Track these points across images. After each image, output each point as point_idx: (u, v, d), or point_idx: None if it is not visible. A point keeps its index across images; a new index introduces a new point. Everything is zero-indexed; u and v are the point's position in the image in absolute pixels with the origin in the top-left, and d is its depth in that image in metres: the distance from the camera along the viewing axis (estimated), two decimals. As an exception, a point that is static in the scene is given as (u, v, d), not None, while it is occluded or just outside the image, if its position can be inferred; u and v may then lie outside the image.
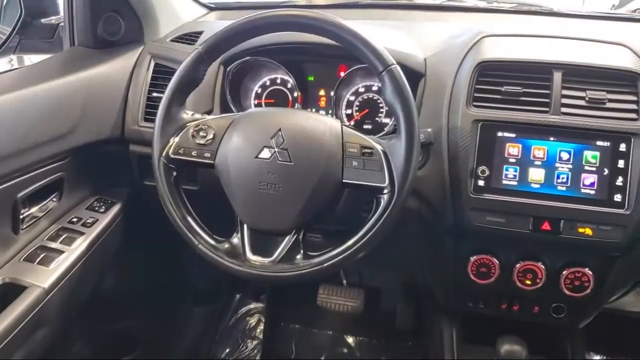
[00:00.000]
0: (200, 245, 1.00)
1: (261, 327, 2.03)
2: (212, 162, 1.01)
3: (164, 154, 1.02)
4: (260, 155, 0.98)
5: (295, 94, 1.34)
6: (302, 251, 0.99)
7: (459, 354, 1.39)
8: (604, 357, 1.85)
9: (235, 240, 1.01)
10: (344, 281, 1.87)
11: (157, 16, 1.47)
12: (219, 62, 1.29)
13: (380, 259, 1.45)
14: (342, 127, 1.01)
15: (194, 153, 1.02)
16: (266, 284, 2.02)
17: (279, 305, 2.06)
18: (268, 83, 1.37)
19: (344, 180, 0.98)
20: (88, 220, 1.29)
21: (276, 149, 0.97)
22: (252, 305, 2.09)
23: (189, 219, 1.02)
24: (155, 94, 1.32)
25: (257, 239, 1.00)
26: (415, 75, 1.19)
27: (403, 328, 1.91)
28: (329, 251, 0.97)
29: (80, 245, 1.22)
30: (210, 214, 1.07)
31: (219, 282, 2.03)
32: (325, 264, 0.96)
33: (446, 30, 1.34)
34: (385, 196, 0.96)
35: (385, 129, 1.29)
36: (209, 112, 1.27)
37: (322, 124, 1.00)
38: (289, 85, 1.36)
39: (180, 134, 1.03)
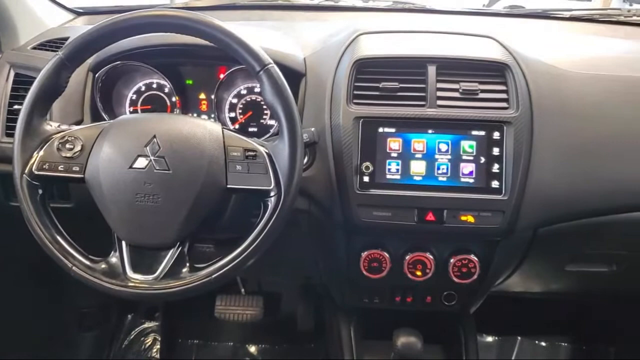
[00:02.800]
0: (74, 268, 0.93)
1: (157, 346, 1.93)
2: (82, 176, 0.94)
3: (26, 170, 0.93)
4: (134, 165, 0.92)
5: (174, 99, 1.28)
6: (188, 264, 0.95)
7: (358, 350, 1.40)
8: (496, 337, 1.95)
9: (114, 259, 0.95)
10: (242, 290, 1.84)
11: (15, 22, 1.35)
12: (86, 68, 1.21)
13: (276, 262, 1.43)
14: (223, 131, 0.97)
15: (60, 167, 0.94)
16: (155, 302, 1.93)
17: (175, 321, 1.97)
18: (143, 88, 1.30)
19: (228, 186, 0.94)
20: (-56, 250, 1.16)
21: (152, 158, 0.92)
22: (146, 325, 1.99)
23: (60, 239, 0.94)
24: (17, 107, 1.21)
25: (138, 256, 0.94)
26: (295, 75, 1.17)
27: (305, 330, 1.90)
28: (217, 261, 0.94)
29: (-64, 279, 1.09)
30: (89, 232, 0.99)
31: (106, 303, 1.91)
32: (214, 275, 0.92)
33: (324, 29, 1.34)
34: (272, 199, 0.94)
35: (271, 130, 1.27)
36: (79, 123, 1.18)
37: (201, 128, 0.96)
38: (166, 90, 1.29)
39: (44, 148, 0.95)
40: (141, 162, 0.92)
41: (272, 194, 0.94)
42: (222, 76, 1.25)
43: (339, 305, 1.41)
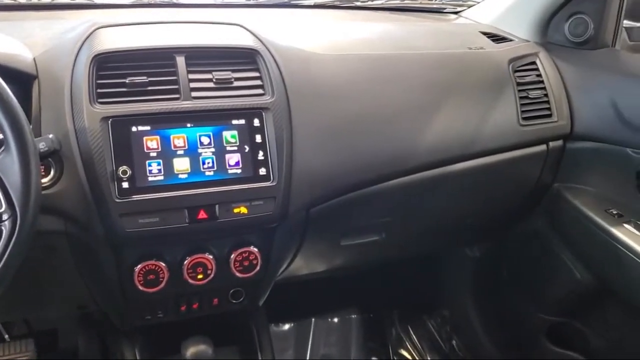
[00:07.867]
0: None
1: None
2: None
3: None
4: None
5: None
6: None
7: None
8: (291, 324, 1.99)
9: None
10: (6, 336, 1.59)
11: None
12: None
13: (39, 296, 1.26)
14: None
15: None
16: None
17: None
18: None
19: None
20: None
21: None
22: None
23: None
24: None
25: None
26: (24, 77, 1.01)
27: (91, 363, 1.71)
28: None
29: None
30: None
31: None
32: None
33: (59, 26, 1.19)
34: (7, 223, 0.80)
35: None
36: None
37: None
38: None
39: None
40: None
41: (4, 217, 0.79)
42: None
43: (121, 328, 1.29)
